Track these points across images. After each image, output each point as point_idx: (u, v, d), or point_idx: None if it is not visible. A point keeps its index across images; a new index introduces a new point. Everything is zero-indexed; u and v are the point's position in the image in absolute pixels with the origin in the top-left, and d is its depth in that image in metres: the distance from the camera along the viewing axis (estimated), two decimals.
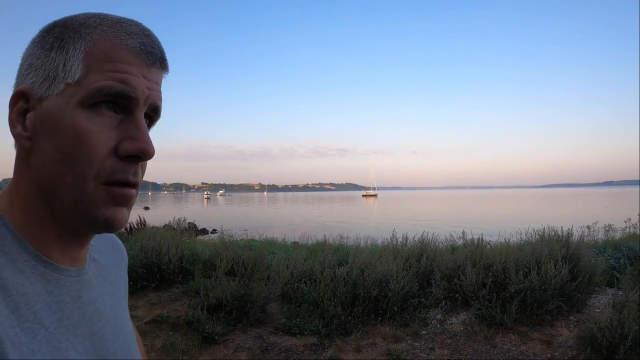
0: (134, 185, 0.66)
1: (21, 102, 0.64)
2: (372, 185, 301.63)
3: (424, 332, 5.10)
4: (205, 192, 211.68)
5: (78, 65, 0.62)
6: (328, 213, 59.15)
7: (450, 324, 5.28)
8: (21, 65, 0.67)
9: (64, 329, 0.62)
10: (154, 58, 0.67)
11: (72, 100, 0.61)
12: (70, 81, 0.62)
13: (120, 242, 0.93)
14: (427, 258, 6.49)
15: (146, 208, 61.45)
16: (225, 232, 11.55)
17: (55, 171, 0.62)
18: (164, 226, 11.69)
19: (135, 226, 10.34)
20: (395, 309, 5.36)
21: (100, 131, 0.62)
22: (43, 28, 0.67)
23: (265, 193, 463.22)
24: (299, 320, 5.36)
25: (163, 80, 0.71)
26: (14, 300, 0.57)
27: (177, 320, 5.28)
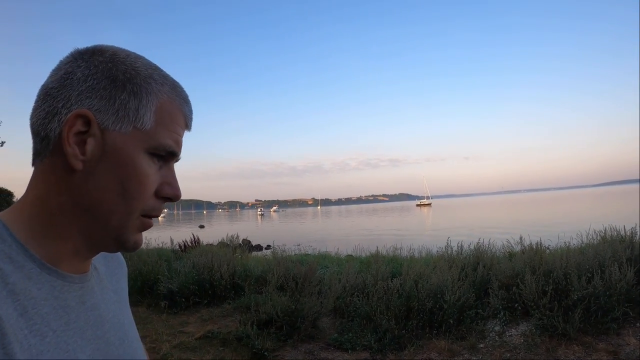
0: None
1: (80, 124, 0.68)
2: (425, 194, 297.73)
3: (481, 346, 4.89)
4: (259, 209, 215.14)
5: (150, 116, 0.72)
6: (382, 224, 58.63)
7: (509, 335, 5.05)
8: (73, 80, 0.69)
9: (71, 332, 0.67)
10: (191, 124, 0.81)
11: (142, 145, 0.71)
12: (140, 127, 0.71)
13: (119, 253, 0.98)
14: (484, 266, 6.28)
15: (201, 226, 63.28)
16: (278, 248, 11.57)
17: (109, 199, 0.70)
18: (218, 243, 11.85)
19: (189, 244, 10.52)
20: (451, 322, 5.18)
21: (153, 175, 0.74)
22: (106, 58, 0.71)
23: (318, 207, 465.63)
24: (351, 335, 5.26)
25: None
26: (22, 304, 0.61)
27: (227, 336, 5.30)
